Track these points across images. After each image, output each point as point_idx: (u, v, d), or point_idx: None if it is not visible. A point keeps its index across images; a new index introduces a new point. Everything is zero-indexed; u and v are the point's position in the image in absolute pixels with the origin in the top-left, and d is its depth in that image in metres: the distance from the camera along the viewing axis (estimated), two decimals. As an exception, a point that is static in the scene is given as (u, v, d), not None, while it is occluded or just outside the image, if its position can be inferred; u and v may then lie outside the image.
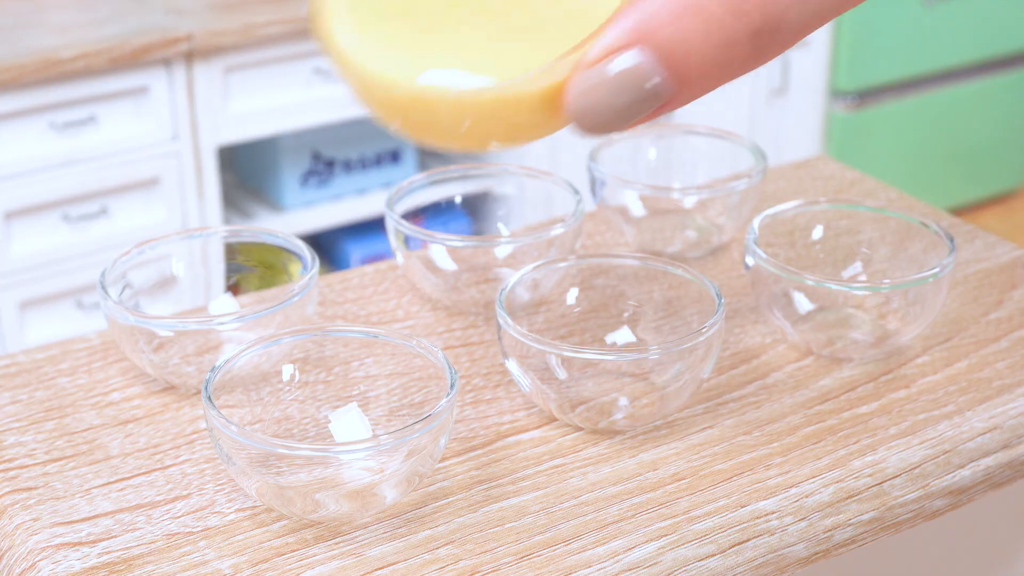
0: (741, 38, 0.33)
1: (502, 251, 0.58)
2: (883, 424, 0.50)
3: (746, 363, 0.54)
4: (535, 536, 0.44)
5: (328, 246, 1.97)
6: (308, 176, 1.89)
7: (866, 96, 2.32)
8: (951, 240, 0.54)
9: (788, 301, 0.54)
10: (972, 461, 0.49)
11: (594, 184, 0.63)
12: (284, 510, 0.44)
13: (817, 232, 0.58)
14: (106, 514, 0.45)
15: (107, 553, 0.43)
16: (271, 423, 0.48)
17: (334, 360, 0.49)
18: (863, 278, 0.58)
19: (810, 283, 0.52)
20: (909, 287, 0.52)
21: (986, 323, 0.57)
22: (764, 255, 0.53)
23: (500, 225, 0.65)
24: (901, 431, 0.49)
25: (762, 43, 0.33)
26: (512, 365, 0.49)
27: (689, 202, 0.63)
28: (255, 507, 0.45)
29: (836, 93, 2.30)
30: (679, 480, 0.47)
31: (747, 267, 0.54)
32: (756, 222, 0.56)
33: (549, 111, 0.36)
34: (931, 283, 0.52)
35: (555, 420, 0.50)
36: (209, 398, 0.44)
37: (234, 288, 0.57)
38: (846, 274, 0.58)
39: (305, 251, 0.54)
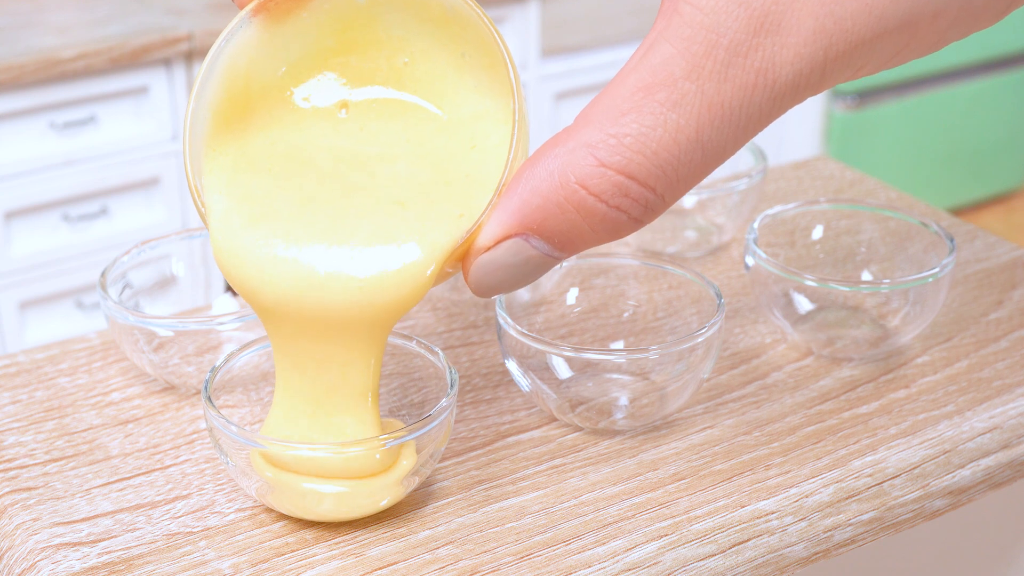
0: (624, 223, 0.36)
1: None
2: (883, 424, 0.50)
3: (746, 363, 0.54)
4: (535, 536, 0.44)
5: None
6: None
7: (866, 96, 2.31)
8: (951, 240, 0.54)
9: (788, 301, 0.54)
10: (972, 461, 0.49)
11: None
12: (284, 510, 0.44)
13: (817, 232, 0.58)
14: (106, 514, 0.45)
15: (107, 553, 0.43)
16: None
17: (334, 360, 0.49)
18: (863, 278, 0.58)
19: (810, 283, 0.52)
20: (909, 287, 0.52)
21: (986, 323, 0.57)
22: (764, 255, 0.53)
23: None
24: (901, 431, 0.49)
25: (646, 218, 0.36)
26: (512, 365, 0.49)
27: (689, 202, 0.63)
28: (255, 507, 0.45)
29: (836, 93, 2.30)
30: (679, 480, 0.47)
31: (747, 267, 0.54)
32: (756, 222, 0.56)
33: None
34: (931, 283, 0.52)
35: (555, 420, 0.50)
36: (209, 398, 0.44)
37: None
38: (846, 274, 0.58)
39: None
